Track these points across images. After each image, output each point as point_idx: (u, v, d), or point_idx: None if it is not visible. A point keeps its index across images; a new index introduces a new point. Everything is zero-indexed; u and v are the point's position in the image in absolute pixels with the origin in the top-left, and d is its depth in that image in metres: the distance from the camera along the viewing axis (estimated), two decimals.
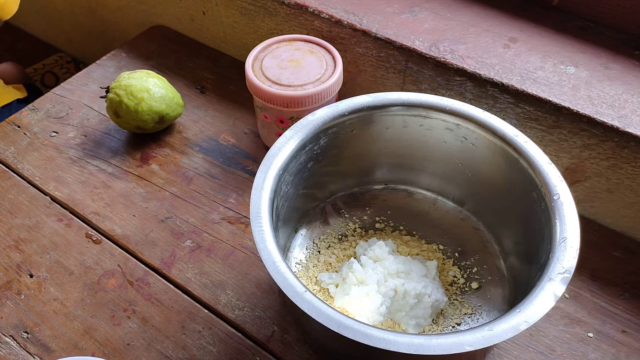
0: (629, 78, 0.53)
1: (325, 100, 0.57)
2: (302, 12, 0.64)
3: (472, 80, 0.56)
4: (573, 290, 0.52)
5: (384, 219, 0.57)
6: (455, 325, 0.49)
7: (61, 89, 0.75)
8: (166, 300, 0.53)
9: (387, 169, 0.57)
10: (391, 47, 0.59)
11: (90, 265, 0.55)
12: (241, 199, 0.61)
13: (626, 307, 0.51)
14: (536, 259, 0.43)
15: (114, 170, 0.64)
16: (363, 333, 0.35)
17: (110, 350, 0.49)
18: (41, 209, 0.61)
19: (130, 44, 0.82)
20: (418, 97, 0.50)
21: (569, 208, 0.41)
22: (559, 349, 0.48)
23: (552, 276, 0.37)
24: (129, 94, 0.62)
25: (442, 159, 0.54)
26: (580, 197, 0.57)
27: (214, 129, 0.69)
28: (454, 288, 0.52)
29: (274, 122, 0.60)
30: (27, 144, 0.67)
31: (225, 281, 0.54)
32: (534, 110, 0.53)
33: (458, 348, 0.34)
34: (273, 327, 0.51)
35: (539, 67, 0.55)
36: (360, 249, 0.53)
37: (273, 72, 0.58)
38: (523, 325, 0.35)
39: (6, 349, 0.49)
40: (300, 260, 0.54)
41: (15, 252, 0.57)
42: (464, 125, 0.49)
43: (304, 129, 0.48)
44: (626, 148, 0.50)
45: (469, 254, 0.54)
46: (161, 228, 0.58)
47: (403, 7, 0.63)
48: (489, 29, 0.60)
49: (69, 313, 0.52)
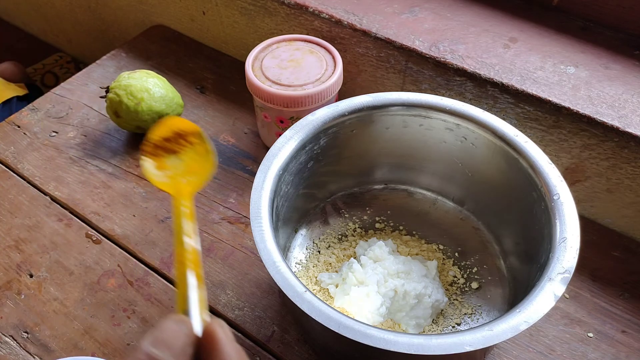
0: (629, 78, 0.53)
1: (325, 100, 0.57)
2: (302, 12, 0.64)
3: (472, 80, 0.56)
4: (573, 290, 0.52)
5: (383, 219, 0.57)
6: (455, 325, 0.49)
7: (61, 89, 0.75)
8: (166, 300, 0.53)
9: (387, 169, 0.57)
10: (391, 47, 0.59)
11: (90, 265, 0.55)
12: (241, 199, 0.61)
13: (626, 307, 0.51)
14: (536, 259, 0.43)
15: (114, 170, 0.64)
16: (363, 333, 0.35)
17: (110, 350, 0.49)
18: (41, 209, 0.61)
19: (130, 44, 0.82)
20: (418, 97, 0.50)
21: (569, 208, 0.41)
22: (559, 349, 0.48)
23: (552, 276, 0.37)
24: (129, 94, 0.62)
25: (442, 159, 0.54)
26: (580, 197, 0.57)
27: (214, 129, 0.69)
28: (454, 288, 0.52)
29: (274, 122, 0.60)
30: (27, 144, 0.67)
31: (225, 281, 0.54)
32: (534, 110, 0.53)
33: (458, 348, 0.34)
34: (273, 327, 0.51)
35: (539, 67, 0.55)
36: (360, 249, 0.53)
37: (273, 72, 0.58)
38: (523, 325, 0.35)
39: (6, 349, 0.49)
40: (300, 260, 0.54)
41: (15, 252, 0.57)
42: (464, 125, 0.49)
43: (304, 129, 0.48)
44: (626, 148, 0.50)
45: (469, 254, 0.54)
46: (161, 228, 0.58)
47: (403, 7, 0.63)
48: (489, 29, 0.60)
49: (69, 313, 0.52)
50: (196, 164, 0.36)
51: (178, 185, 0.34)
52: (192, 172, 0.36)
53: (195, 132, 0.37)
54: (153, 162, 0.36)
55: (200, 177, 0.35)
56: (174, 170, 0.36)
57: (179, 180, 0.35)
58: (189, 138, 0.37)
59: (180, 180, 0.35)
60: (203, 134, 0.37)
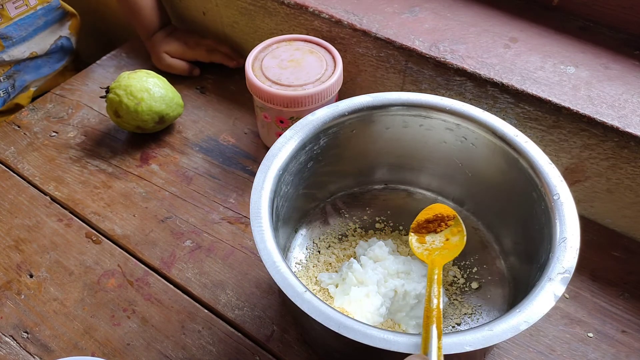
0: (629, 78, 0.53)
1: (325, 100, 0.57)
2: (302, 12, 0.64)
3: (472, 80, 0.56)
4: (573, 290, 0.52)
5: (383, 219, 0.57)
6: (455, 325, 0.49)
7: (61, 89, 0.75)
8: (166, 300, 0.53)
9: (387, 169, 0.57)
10: (391, 47, 0.59)
11: (90, 265, 0.55)
12: (241, 199, 0.61)
13: (626, 307, 0.51)
14: (536, 259, 0.43)
15: (114, 170, 0.64)
16: (363, 333, 0.35)
17: (110, 350, 0.49)
18: (41, 209, 0.61)
19: (130, 44, 0.82)
20: (418, 97, 0.50)
21: (569, 208, 0.41)
22: (559, 349, 0.48)
23: (552, 276, 0.37)
24: (129, 94, 0.62)
25: (442, 159, 0.54)
26: (580, 197, 0.57)
27: (214, 129, 0.69)
28: (454, 288, 0.52)
29: (274, 122, 0.60)
30: (27, 144, 0.67)
31: (225, 281, 0.54)
32: (534, 110, 0.53)
33: (458, 348, 0.34)
34: (273, 326, 0.51)
35: (539, 67, 0.55)
36: (360, 249, 0.53)
37: (273, 72, 0.58)
38: (523, 325, 0.35)
39: (6, 349, 0.49)
40: (300, 260, 0.54)
41: (15, 252, 0.57)
42: (464, 125, 0.49)
43: (304, 129, 0.48)
44: (626, 148, 0.50)
45: (469, 254, 0.54)
46: (161, 228, 0.58)
47: (403, 7, 0.63)
48: (489, 29, 0.60)
49: (69, 313, 0.52)
50: (449, 241, 0.45)
51: (432, 256, 0.44)
52: (445, 247, 0.45)
53: (453, 216, 0.47)
54: (416, 237, 0.47)
55: (451, 251, 0.44)
56: (432, 245, 0.45)
57: (434, 253, 0.44)
58: (448, 221, 0.47)
59: (435, 253, 0.44)
60: (458, 218, 0.46)
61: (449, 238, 0.45)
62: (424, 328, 0.33)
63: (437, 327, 0.33)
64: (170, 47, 0.74)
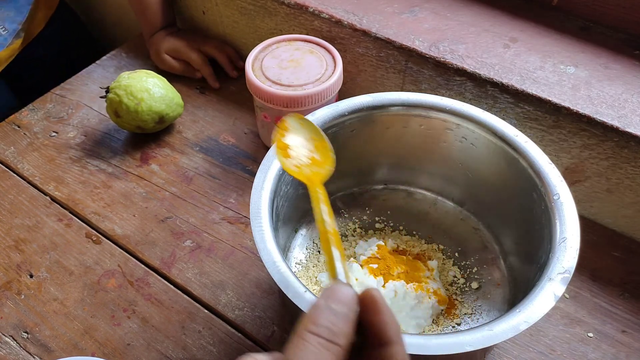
0: (629, 78, 0.53)
1: (325, 100, 0.57)
2: (302, 12, 0.64)
3: (472, 80, 0.56)
4: (573, 290, 0.52)
5: (383, 219, 0.57)
6: (455, 325, 0.49)
7: (61, 89, 0.75)
8: (166, 300, 0.53)
9: (387, 169, 0.57)
10: (391, 47, 0.59)
11: (90, 265, 0.55)
12: (241, 199, 0.61)
13: (626, 307, 0.51)
14: (536, 259, 0.43)
15: (114, 170, 0.64)
16: None
17: (110, 350, 0.49)
18: (41, 209, 0.61)
19: (130, 44, 0.82)
20: (418, 97, 0.50)
21: (569, 208, 0.41)
22: (559, 349, 0.48)
23: (552, 276, 0.37)
24: (129, 94, 0.62)
25: (442, 159, 0.54)
26: (580, 197, 0.57)
27: (214, 129, 0.69)
28: (454, 288, 0.52)
29: (274, 122, 0.60)
30: (27, 144, 0.67)
31: (225, 281, 0.54)
32: (534, 110, 0.53)
33: (458, 348, 0.34)
34: (273, 327, 0.51)
35: (539, 67, 0.55)
36: (360, 249, 0.53)
37: (273, 72, 0.58)
38: (523, 325, 0.35)
39: (6, 349, 0.50)
40: (300, 260, 0.54)
41: (15, 252, 0.57)
42: (464, 125, 0.49)
43: None
44: (626, 148, 0.50)
45: (469, 254, 0.54)
46: (161, 228, 0.58)
47: (403, 7, 0.63)
48: (489, 29, 0.60)
49: (69, 313, 0.52)
50: (316, 160, 0.38)
51: (305, 174, 0.37)
52: (314, 164, 0.38)
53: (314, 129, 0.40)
54: (281, 152, 0.39)
55: (321, 168, 0.38)
56: (299, 162, 0.38)
57: (304, 170, 0.38)
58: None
59: (305, 170, 0.38)
60: (321, 132, 0.39)
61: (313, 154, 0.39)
62: (325, 252, 0.30)
63: (337, 247, 0.30)
64: (171, 46, 0.74)
